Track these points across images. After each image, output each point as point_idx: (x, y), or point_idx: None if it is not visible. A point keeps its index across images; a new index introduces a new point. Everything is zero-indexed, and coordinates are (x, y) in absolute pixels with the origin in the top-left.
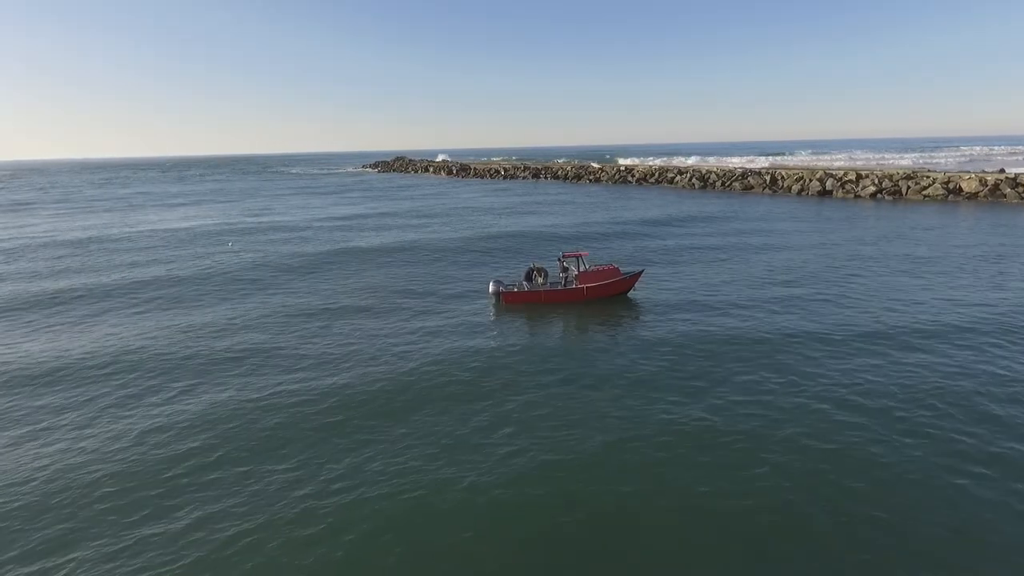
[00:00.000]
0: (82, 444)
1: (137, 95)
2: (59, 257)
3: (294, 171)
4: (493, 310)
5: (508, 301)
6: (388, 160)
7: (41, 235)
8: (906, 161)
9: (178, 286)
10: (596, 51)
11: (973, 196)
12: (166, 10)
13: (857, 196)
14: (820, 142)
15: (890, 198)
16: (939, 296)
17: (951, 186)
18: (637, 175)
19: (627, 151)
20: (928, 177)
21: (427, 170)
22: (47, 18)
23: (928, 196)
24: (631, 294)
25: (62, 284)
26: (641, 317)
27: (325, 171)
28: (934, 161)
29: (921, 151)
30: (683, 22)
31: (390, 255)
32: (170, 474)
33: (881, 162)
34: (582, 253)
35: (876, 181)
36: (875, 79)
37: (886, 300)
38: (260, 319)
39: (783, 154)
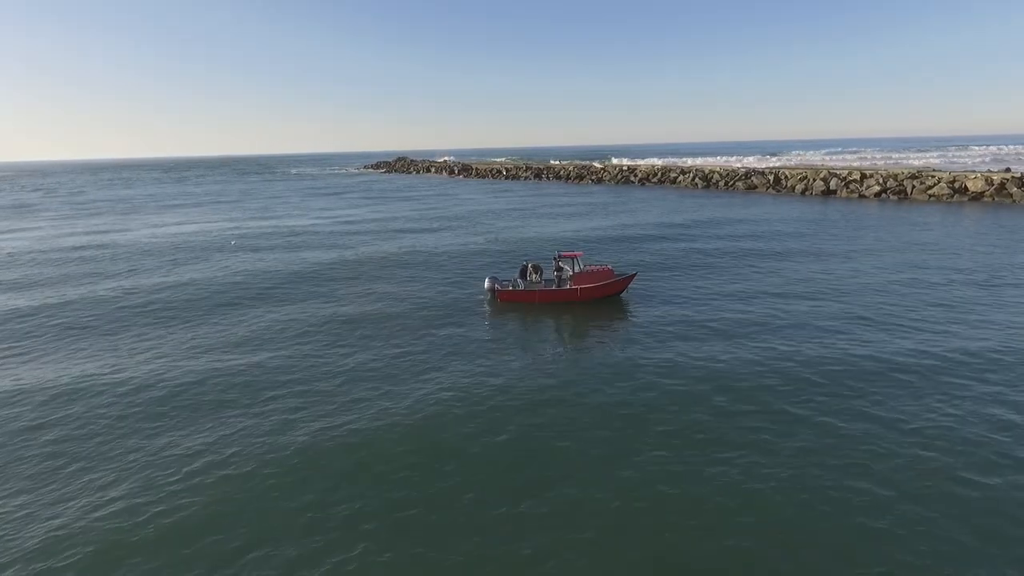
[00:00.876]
0: (89, 463)
1: (137, 95)
2: (64, 261)
3: (294, 172)
4: (488, 308)
5: (503, 299)
6: (390, 160)
7: (46, 238)
8: (921, 161)
9: (179, 292)
10: (596, 51)
11: (979, 196)
12: (166, 10)
13: (861, 196)
14: (822, 142)
15: (895, 198)
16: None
17: (957, 185)
18: (640, 175)
19: (627, 151)
20: (933, 177)
21: (429, 170)
22: (47, 18)
23: (934, 196)
24: (623, 295)
25: (66, 290)
26: (640, 327)
27: (327, 172)
28: (956, 161)
29: (924, 150)
30: (683, 22)
31: (391, 258)
32: (174, 487)
33: (900, 162)
34: (577, 254)
35: (881, 181)
36: (875, 79)
37: (887, 309)
38: (265, 329)
39: (787, 154)
